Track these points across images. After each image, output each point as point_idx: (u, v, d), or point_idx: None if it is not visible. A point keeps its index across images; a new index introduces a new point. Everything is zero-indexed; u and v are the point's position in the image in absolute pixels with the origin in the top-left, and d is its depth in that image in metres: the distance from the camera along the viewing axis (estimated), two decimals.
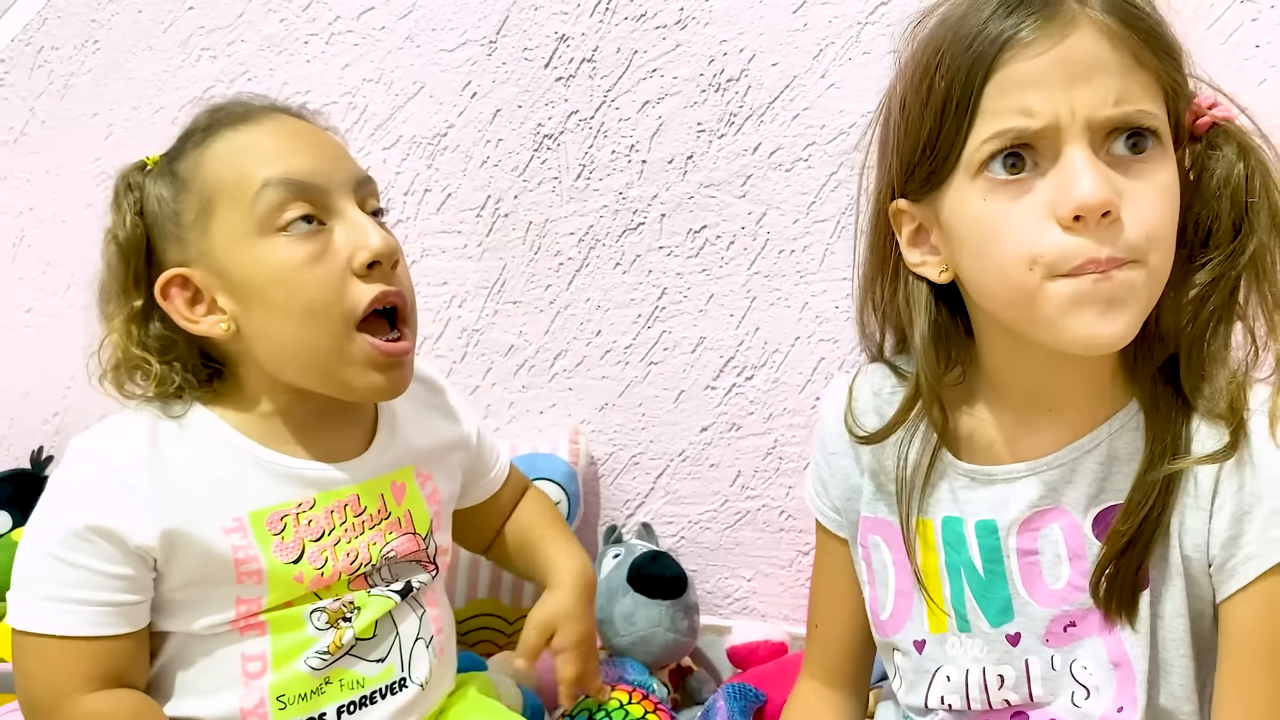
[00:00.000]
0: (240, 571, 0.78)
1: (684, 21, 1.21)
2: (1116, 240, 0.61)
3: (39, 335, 1.50)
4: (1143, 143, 0.62)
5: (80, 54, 1.41)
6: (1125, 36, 0.61)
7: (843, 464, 0.80)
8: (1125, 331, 0.62)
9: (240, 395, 0.83)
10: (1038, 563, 0.71)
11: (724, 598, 1.33)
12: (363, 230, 0.79)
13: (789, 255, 1.24)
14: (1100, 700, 0.69)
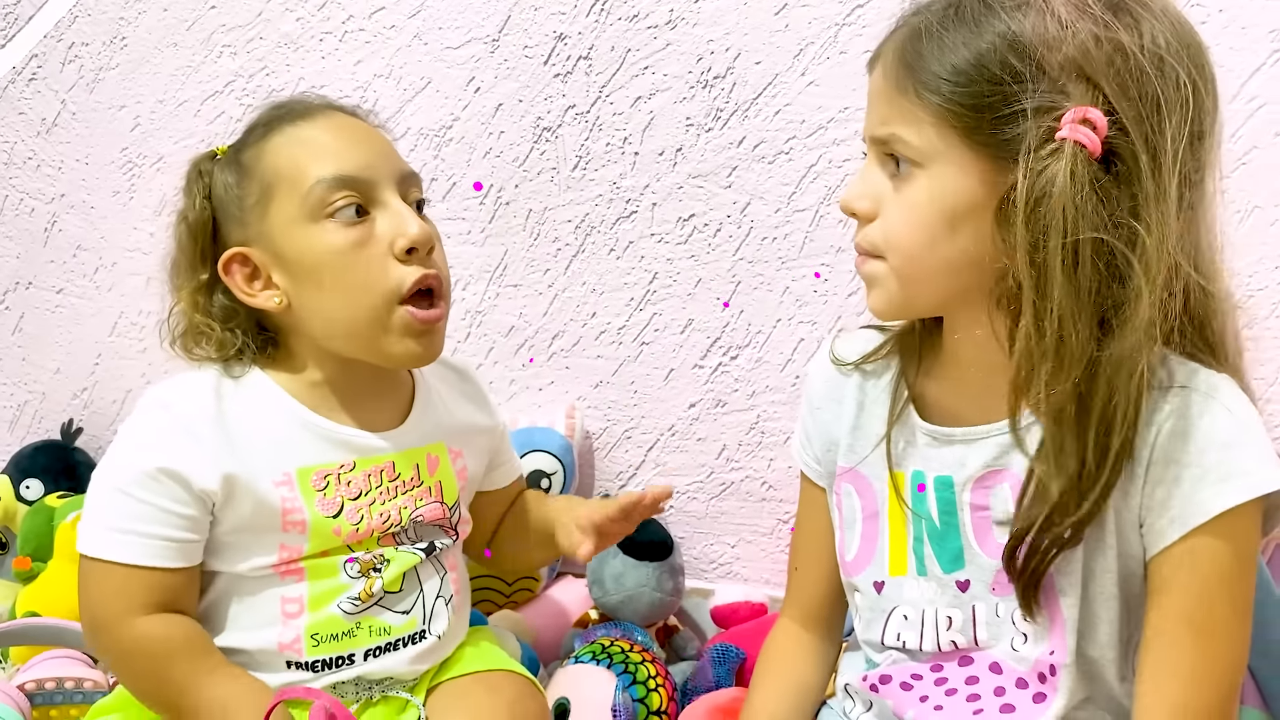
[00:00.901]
0: (286, 521, 0.86)
1: (674, 22, 1.28)
2: (863, 236, 0.74)
3: (69, 315, 1.58)
4: (901, 163, 0.70)
5: (109, 50, 1.48)
6: (898, 71, 0.70)
7: (825, 418, 0.87)
8: (877, 305, 0.75)
9: (291, 362, 0.91)
10: (988, 517, 0.77)
11: (709, 563, 1.40)
12: (403, 219, 0.87)
13: (771, 242, 1.30)
14: (1035, 646, 0.75)
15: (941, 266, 0.71)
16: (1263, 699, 0.90)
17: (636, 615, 1.22)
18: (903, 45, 0.70)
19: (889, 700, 0.81)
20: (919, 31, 0.69)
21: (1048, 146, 0.65)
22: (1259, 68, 1.11)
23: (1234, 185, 1.13)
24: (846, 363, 0.85)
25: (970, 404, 0.77)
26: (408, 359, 0.91)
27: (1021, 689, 0.76)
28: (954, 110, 0.67)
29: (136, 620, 0.83)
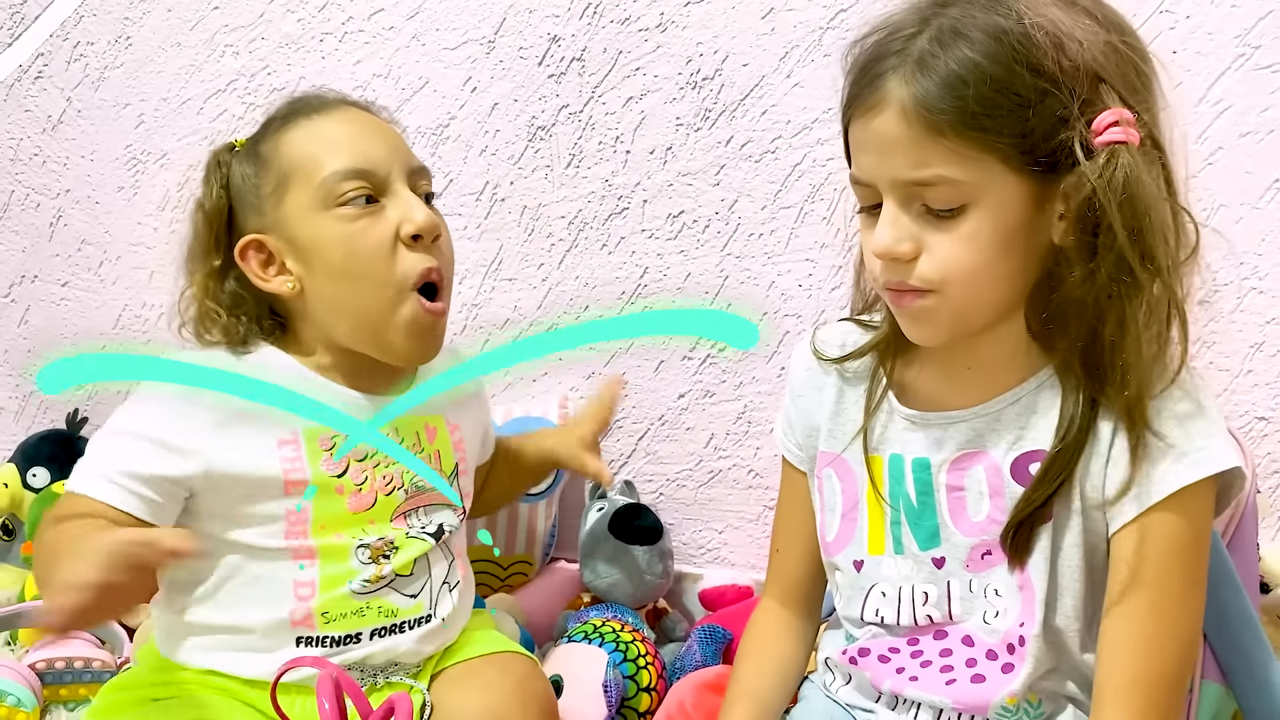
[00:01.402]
0: (288, 482, 0.89)
1: (664, 25, 1.31)
2: (912, 274, 0.73)
3: (74, 307, 1.61)
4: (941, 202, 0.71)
5: (114, 49, 1.51)
6: (922, 117, 0.69)
7: (807, 405, 0.90)
8: (929, 337, 0.77)
9: (299, 347, 0.96)
10: (963, 497, 0.81)
11: (697, 549, 1.43)
12: (410, 206, 0.92)
13: (758, 238, 1.34)
14: (1006, 619, 0.79)
15: (997, 288, 0.74)
16: (1222, 674, 0.95)
17: (627, 598, 1.26)
18: (924, 91, 0.69)
19: (867, 672, 0.85)
20: (935, 70, 0.69)
21: (1101, 152, 0.68)
22: (1224, 72, 1.15)
23: (1200, 185, 1.17)
24: (828, 358, 0.88)
25: (947, 390, 0.82)
26: (408, 355, 0.95)
27: (991, 660, 0.80)
28: (997, 140, 0.69)
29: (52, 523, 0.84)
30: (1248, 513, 0.98)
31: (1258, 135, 1.16)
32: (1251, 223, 1.17)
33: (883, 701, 0.85)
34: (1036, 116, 0.69)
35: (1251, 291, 1.18)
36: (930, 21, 0.70)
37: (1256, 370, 1.21)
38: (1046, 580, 0.78)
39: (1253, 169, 1.17)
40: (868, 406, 0.85)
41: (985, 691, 0.79)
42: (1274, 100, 1.14)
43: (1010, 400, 0.79)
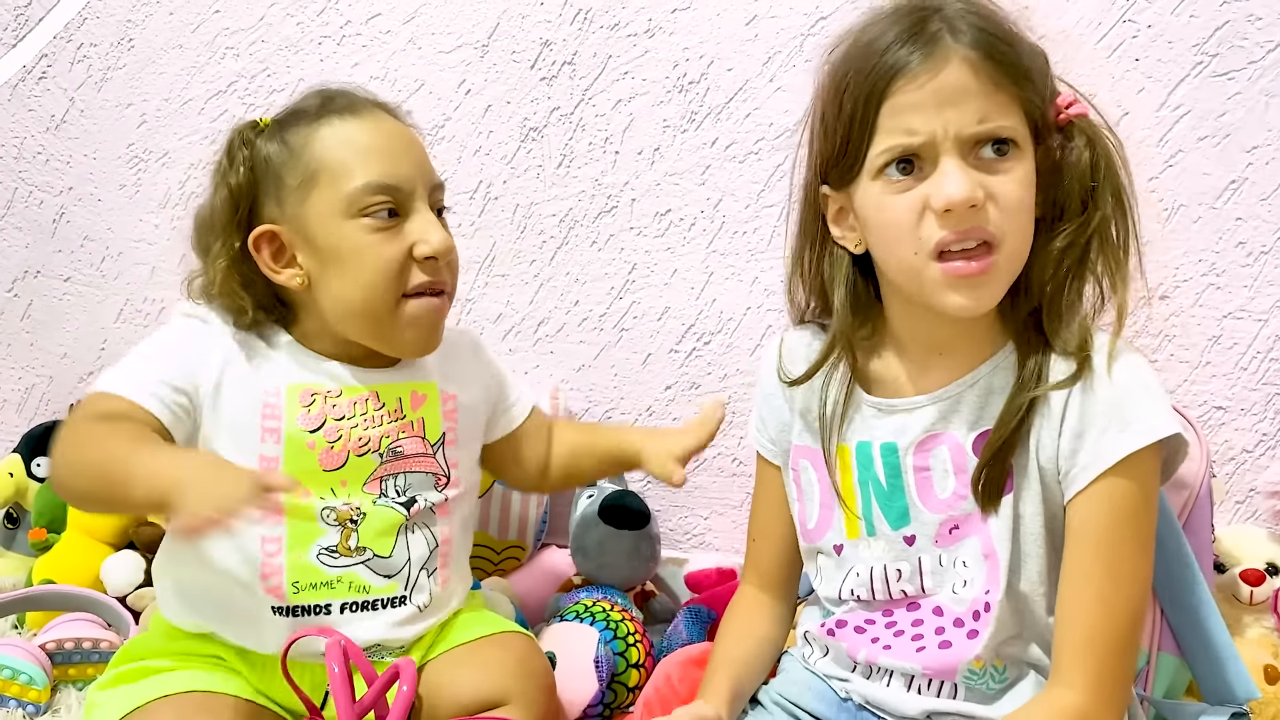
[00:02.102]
0: (264, 428, 0.94)
1: (652, 31, 1.36)
2: (985, 222, 0.76)
3: (76, 302, 1.64)
4: (1004, 148, 0.77)
5: (116, 50, 1.54)
6: (987, 68, 0.76)
7: (777, 404, 0.95)
8: (987, 304, 0.79)
9: (300, 331, 0.99)
10: (930, 477, 0.85)
11: (683, 534, 1.48)
12: (427, 229, 0.94)
13: (742, 236, 1.38)
14: (973, 588, 0.84)
15: (1027, 242, 0.80)
16: (1178, 646, 1.00)
17: (617, 580, 1.30)
18: (983, 43, 0.76)
19: (844, 643, 0.90)
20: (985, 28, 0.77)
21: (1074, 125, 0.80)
22: (1183, 79, 1.21)
23: (1161, 186, 1.23)
24: (788, 380, 0.92)
25: (911, 377, 0.87)
26: (411, 349, 0.99)
27: (958, 627, 0.85)
28: (1027, 101, 0.78)
29: (95, 419, 0.87)
30: (1202, 495, 1.04)
31: (1215, 139, 1.22)
32: (1209, 222, 1.23)
33: (858, 671, 0.90)
34: (1040, 81, 0.79)
35: (1210, 287, 1.25)
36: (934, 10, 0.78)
37: (1214, 362, 1.27)
38: (1010, 548, 0.82)
39: (1210, 171, 1.23)
40: (835, 403, 0.90)
41: (952, 656, 0.84)
42: (1230, 106, 1.21)
43: (969, 383, 0.84)
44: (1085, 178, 0.80)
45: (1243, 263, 1.24)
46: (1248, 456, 1.28)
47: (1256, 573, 1.17)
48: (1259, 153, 1.21)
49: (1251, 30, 1.19)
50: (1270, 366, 1.26)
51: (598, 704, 1.13)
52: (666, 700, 1.08)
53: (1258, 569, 1.17)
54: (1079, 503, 0.80)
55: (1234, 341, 1.26)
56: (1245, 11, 1.19)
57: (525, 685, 1.00)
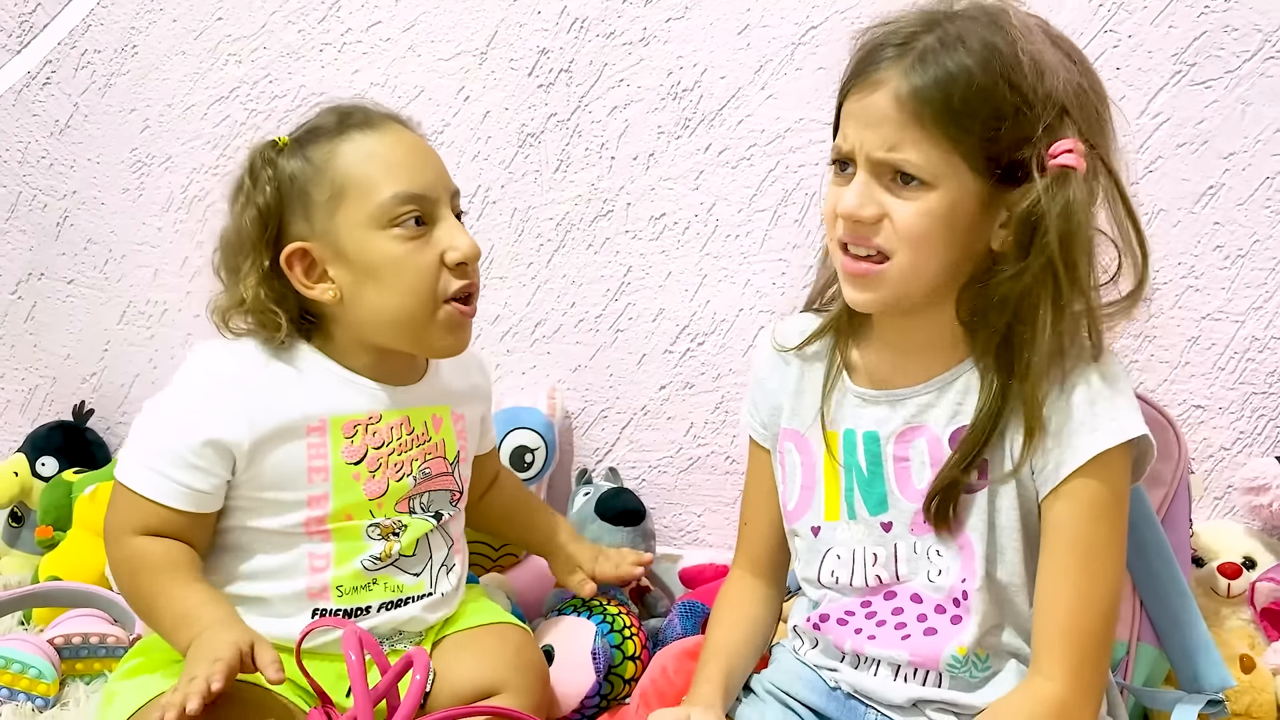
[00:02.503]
0: (311, 468, 0.96)
1: (647, 40, 1.38)
2: (872, 237, 0.81)
3: (79, 304, 1.67)
4: (908, 179, 0.80)
5: (120, 57, 1.56)
6: (912, 105, 0.77)
7: (770, 387, 0.98)
8: (870, 303, 0.84)
9: (330, 343, 1.00)
10: (908, 467, 0.89)
11: (678, 531, 1.51)
12: (456, 234, 0.97)
13: (734, 239, 1.41)
14: (949, 576, 0.87)
15: (936, 270, 0.82)
16: (1157, 637, 1.03)
17: None
18: (917, 82, 0.77)
19: (830, 635, 0.93)
20: (933, 66, 0.77)
21: (1051, 172, 0.77)
22: (1163, 87, 1.25)
23: (1141, 191, 1.26)
24: (788, 348, 0.96)
25: (893, 371, 0.90)
26: (445, 351, 1.02)
27: (940, 614, 0.88)
28: (967, 141, 0.78)
29: (134, 537, 0.93)
30: (1180, 491, 1.07)
31: (1193, 146, 1.25)
32: (1188, 226, 1.27)
33: (846, 661, 0.93)
34: (1007, 129, 0.77)
35: (1189, 290, 1.28)
36: (937, 25, 0.79)
37: (1193, 362, 1.31)
38: (986, 542, 0.86)
39: (1189, 176, 1.26)
40: (825, 386, 0.94)
41: (937, 644, 0.87)
42: (1208, 113, 1.24)
43: (949, 380, 0.88)
44: (1022, 228, 0.80)
45: (1220, 266, 1.27)
46: (1225, 454, 1.32)
47: (1233, 566, 1.20)
48: (1236, 159, 1.25)
49: (1228, 40, 1.22)
50: (1247, 366, 1.30)
51: (595, 695, 1.15)
52: (663, 691, 1.11)
53: (1235, 563, 1.20)
54: (1053, 500, 0.83)
55: (1212, 342, 1.30)
56: (1222, 23, 1.22)
57: (520, 675, 1.03)
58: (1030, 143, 0.78)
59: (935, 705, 0.88)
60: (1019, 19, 0.80)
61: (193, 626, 0.89)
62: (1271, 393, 1.30)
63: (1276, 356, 1.29)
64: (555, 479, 1.49)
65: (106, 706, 0.97)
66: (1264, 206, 1.25)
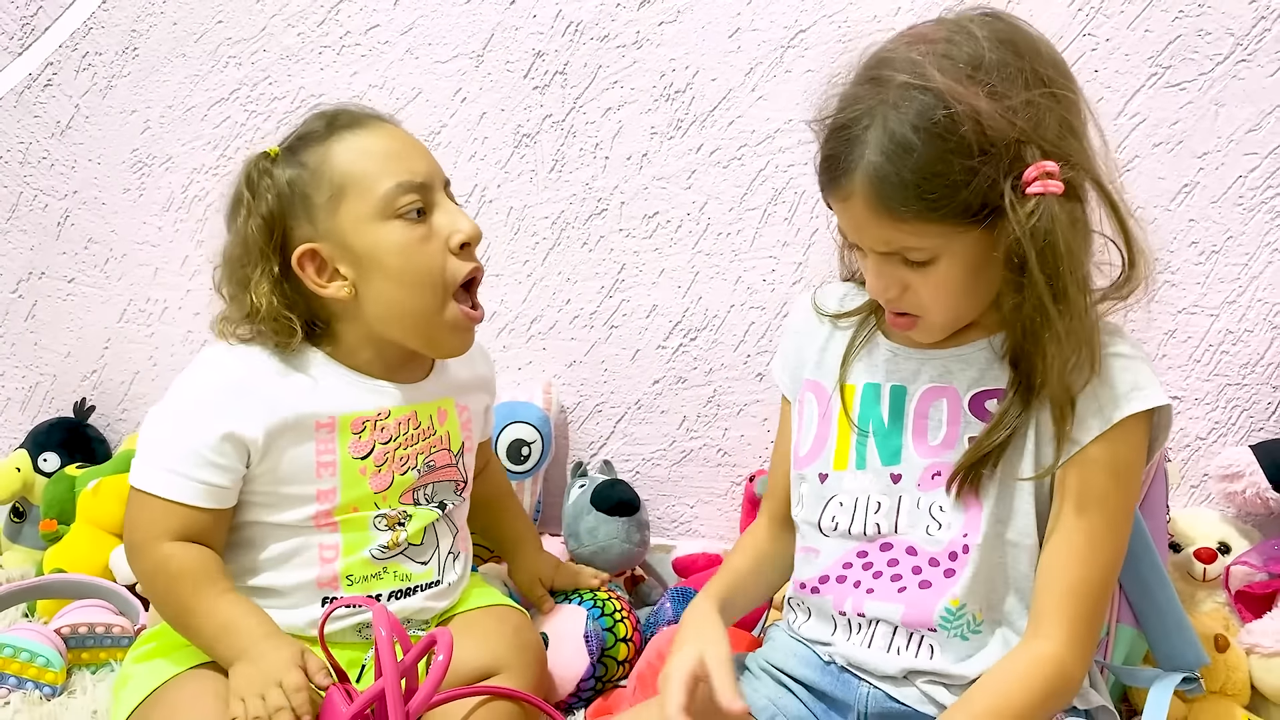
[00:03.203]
0: (319, 463, 0.98)
1: (640, 43, 1.41)
2: (902, 306, 0.88)
3: (79, 303, 1.68)
4: (915, 259, 0.84)
5: (121, 59, 1.58)
6: (881, 206, 0.81)
7: (802, 340, 1.03)
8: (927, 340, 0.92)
9: (337, 346, 1.02)
10: (926, 424, 0.93)
11: (671, 522, 1.54)
12: (457, 217, 1.00)
13: (726, 237, 1.44)
14: (950, 530, 0.90)
15: (973, 305, 0.88)
16: (1135, 618, 1.06)
17: (608, 564, 1.35)
18: (878, 189, 0.81)
19: (829, 596, 0.95)
20: (885, 176, 0.80)
21: (1027, 202, 0.79)
22: (1139, 89, 1.29)
23: None
24: (827, 313, 1.01)
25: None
26: (451, 350, 1.05)
27: (934, 566, 0.91)
28: (944, 216, 0.81)
29: (162, 544, 0.95)
30: (1158, 478, 1.10)
31: (1168, 145, 1.30)
32: (1164, 223, 1.31)
33: (839, 630, 0.95)
34: (970, 190, 0.80)
35: (1165, 284, 1.32)
36: (874, 114, 0.80)
37: (1170, 355, 1.35)
38: (996, 502, 0.89)
39: (1165, 175, 1.30)
40: (850, 344, 0.98)
41: (931, 597, 0.91)
42: (1183, 114, 1.29)
43: (979, 347, 0.92)
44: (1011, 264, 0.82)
45: (1195, 261, 1.31)
46: (1201, 443, 1.36)
47: (1209, 551, 1.24)
48: (1209, 158, 1.29)
49: (1201, 44, 1.26)
50: (1221, 359, 1.34)
51: (590, 679, 1.18)
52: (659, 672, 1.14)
53: (1210, 548, 1.24)
54: (1073, 462, 0.87)
55: (1188, 335, 1.34)
56: (1195, 27, 1.26)
57: (520, 656, 1.06)
58: (998, 183, 0.80)
59: (926, 677, 0.91)
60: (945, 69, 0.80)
61: (236, 638, 0.93)
62: (1245, 384, 1.34)
63: (1250, 349, 1.33)
64: (551, 472, 1.51)
65: (121, 689, 1.00)
66: (1236, 204, 1.30)
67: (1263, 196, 1.29)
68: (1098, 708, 0.91)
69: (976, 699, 0.86)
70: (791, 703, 0.96)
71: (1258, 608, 1.21)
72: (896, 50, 0.84)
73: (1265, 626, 1.15)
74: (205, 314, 1.57)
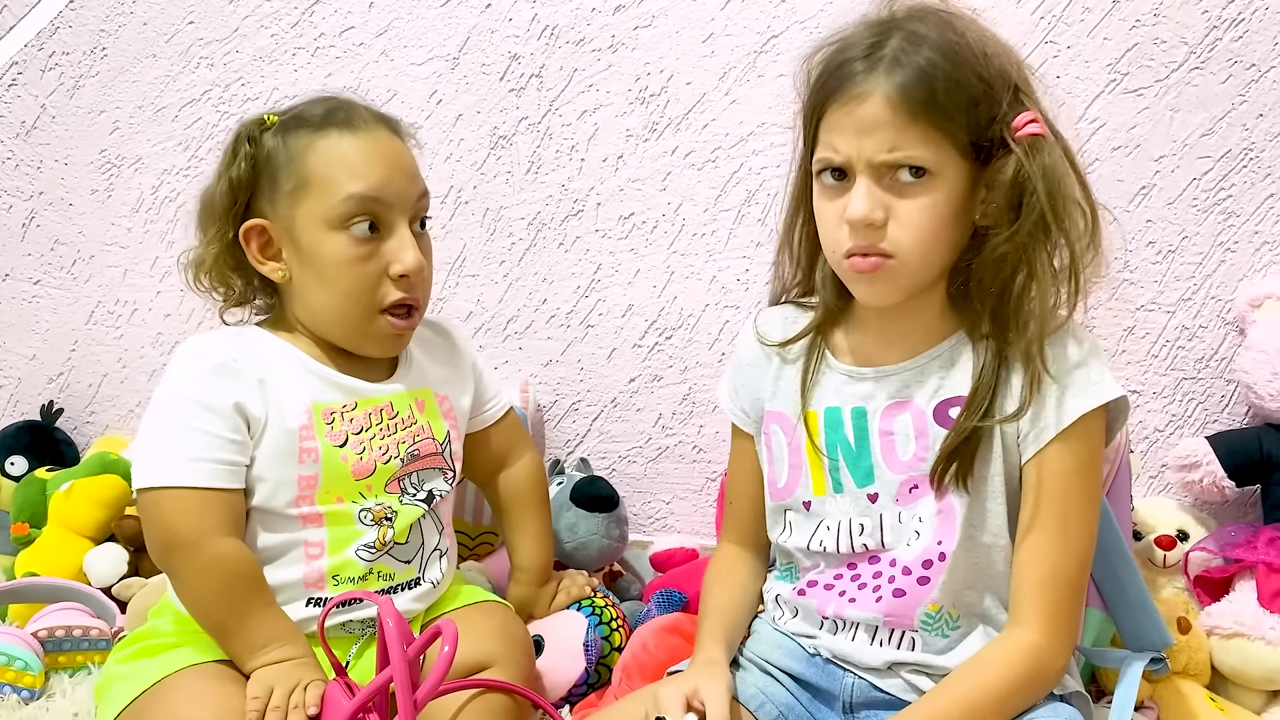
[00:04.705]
0: (302, 449, 0.99)
1: (615, 47, 1.43)
2: (881, 239, 0.86)
3: (45, 304, 1.66)
4: (918, 173, 0.86)
5: (89, 59, 1.57)
6: (905, 105, 0.83)
7: (753, 374, 1.03)
8: (884, 297, 0.90)
9: (286, 324, 1.05)
10: (894, 440, 0.94)
11: (647, 518, 1.55)
12: (403, 249, 1.00)
13: (700, 238, 1.46)
14: (924, 541, 0.92)
15: (941, 253, 0.89)
16: (1103, 602, 1.10)
17: (588, 560, 1.37)
18: (905, 84, 0.83)
19: (813, 600, 0.98)
20: (911, 67, 0.83)
21: (1024, 141, 0.85)
22: (1099, 95, 1.34)
23: None
24: (770, 343, 1.02)
25: (878, 350, 0.96)
26: (376, 354, 1.06)
27: (907, 575, 0.93)
28: (955, 131, 0.84)
29: (219, 539, 0.95)
30: (1122, 469, 1.15)
31: (1126, 149, 1.35)
32: (1123, 224, 1.36)
33: (825, 628, 0.98)
34: (980, 110, 0.84)
35: (1124, 283, 1.37)
36: (894, 31, 0.86)
37: (1129, 350, 1.40)
38: (968, 507, 0.91)
39: (1123, 178, 1.35)
40: (805, 372, 0.99)
41: (908, 603, 0.93)
42: (1140, 119, 1.34)
43: (932, 356, 0.94)
44: (1010, 193, 0.86)
45: (1153, 261, 1.37)
46: (1159, 435, 1.41)
47: (1169, 538, 1.28)
48: (1165, 161, 1.34)
49: (1157, 52, 1.32)
50: (1178, 354, 1.39)
51: (582, 684, 1.19)
52: (644, 665, 1.15)
53: (1170, 535, 1.28)
54: (1037, 460, 0.90)
55: (1146, 332, 1.39)
56: (1151, 35, 1.31)
57: (509, 650, 1.07)
58: (997, 121, 0.85)
59: (909, 667, 0.94)
60: (958, 12, 0.87)
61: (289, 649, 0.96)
62: (1200, 378, 1.39)
63: (1204, 344, 1.38)
64: None
65: (105, 690, 0.99)
66: (1191, 205, 1.35)
67: (1215, 198, 1.34)
68: (1073, 693, 0.93)
69: (954, 685, 0.88)
70: (779, 692, 0.98)
71: (1215, 591, 1.26)
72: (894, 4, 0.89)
73: (1223, 609, 1.20)
74: (176, 316, 1.57)
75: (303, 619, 1.01)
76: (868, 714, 0.95)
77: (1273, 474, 1.30)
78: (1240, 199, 1.34)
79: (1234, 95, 1.31)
